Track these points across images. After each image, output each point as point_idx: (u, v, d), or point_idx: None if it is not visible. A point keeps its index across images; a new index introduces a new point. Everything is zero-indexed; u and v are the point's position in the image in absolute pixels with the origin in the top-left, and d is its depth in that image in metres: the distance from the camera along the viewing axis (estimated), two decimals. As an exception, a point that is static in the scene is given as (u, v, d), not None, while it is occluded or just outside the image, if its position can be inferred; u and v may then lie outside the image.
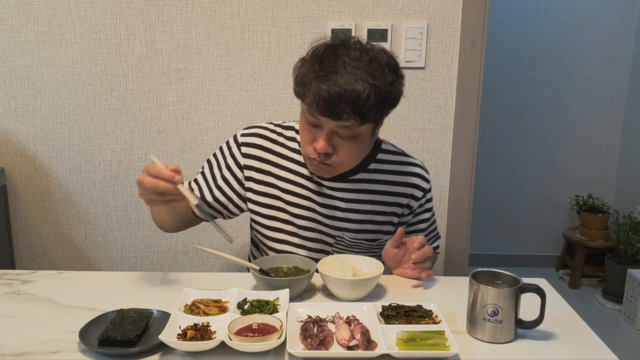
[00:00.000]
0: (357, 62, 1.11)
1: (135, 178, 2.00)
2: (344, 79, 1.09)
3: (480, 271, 1.05)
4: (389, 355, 0.93)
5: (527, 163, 3.47)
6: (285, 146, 1.34)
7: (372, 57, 1.13)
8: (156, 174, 1.12)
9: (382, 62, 1.13)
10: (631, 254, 2.96)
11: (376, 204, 1.34)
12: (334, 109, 1.10)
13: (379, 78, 1.11)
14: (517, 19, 3.30)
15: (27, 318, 1.08)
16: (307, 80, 1.13)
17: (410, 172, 1.36)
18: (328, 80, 1.09)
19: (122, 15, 1.88)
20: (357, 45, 1.15)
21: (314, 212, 1.33)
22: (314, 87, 1.11)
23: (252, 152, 1.33)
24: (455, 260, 2.06)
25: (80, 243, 2.07)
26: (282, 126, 1.36)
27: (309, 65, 1.15)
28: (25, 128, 1.97)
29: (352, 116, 1.11)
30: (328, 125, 1.14)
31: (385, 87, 1.12)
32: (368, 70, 1.11)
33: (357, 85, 1.09)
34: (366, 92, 1.09)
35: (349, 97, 1.09)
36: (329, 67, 1.11)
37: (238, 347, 0.93)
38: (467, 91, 1.93)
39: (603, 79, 3.33)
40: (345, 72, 1.09)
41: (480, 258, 3.35)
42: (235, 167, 1.35)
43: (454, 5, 1.87)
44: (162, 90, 1.94)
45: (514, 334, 1.02)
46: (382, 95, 1.12)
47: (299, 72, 1.17)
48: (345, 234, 1.34)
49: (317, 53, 1.15)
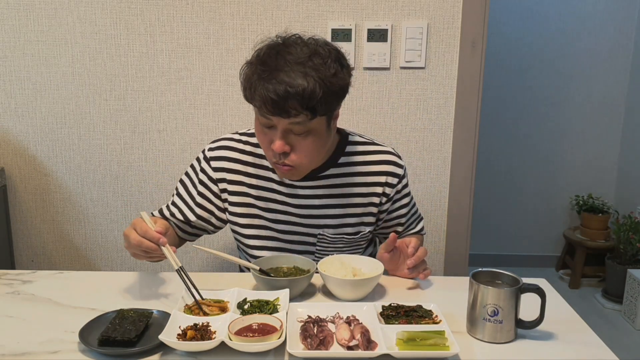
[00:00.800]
0: (299, 57, 1.12)
1: (135, 178, 2.01)
2: (288, 76, 1.09)
3: (480, 271, 1.05)
4: (389, 355, 0.93)
5: (527, 163, 3.47)
6: (253, 154, 1.34)
7: (312, 51, 1.13)
8: (143, 234, 1.14)
9: (324, 54, 1.14)
10: (631, 254, 2.96)
11: (352, 196, 1.33)
12: (283, 107, 1.10)
13: (321, 70, 1.12)
14: (517, 19, 3.30)
15: (27, 318, 1.08)
16: (253, 83, 1.13)
17: (382, 160, 1.35)
18: (272, 79, 1.10)
19: (122, 15, 1.88)
20: (297, 41, 1.16)
21: (290, 215, 1.33)
22: (260, 88, 1.11)
23: (221, 165, 1.35)
24: (455, 260, 2.06)
25: (80, 243, 2.07)
26: (247, 134, 1.37)
27: (253, 67, 1.15)
28: (25, 128, 1.97)
29: (302, 111, 1.11)
30: (281, 124, 1.14)
31: (329, 78, 1.12)
32: (310, 64, 1.11)
33: (301, 80, 1.09)
34: (310, 86, 1.09)
35: (295, 93, 1.09)
36: (271, 66, 1.11)
37: (238, 347, 0.93)
38: (467, 91, 1.93)
39: (603, 79, 3.33)
40: (289, 69, 1.10)
41: (480, 258, 3.35)
42: (209, 182, 1.36)
43: (454, 5, 1.87)
44: (162, 90, 1.94)
45: (514, 334, 1.02)
46: (327, 87, 1.12)
47: (244, 76, 1.16)
48: (326, 230, 1.34)
49: (260, 54, 1.16)
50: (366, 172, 1.34)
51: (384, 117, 1.96)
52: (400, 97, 1.95)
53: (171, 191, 2.01)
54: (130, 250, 1.20)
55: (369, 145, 1.36)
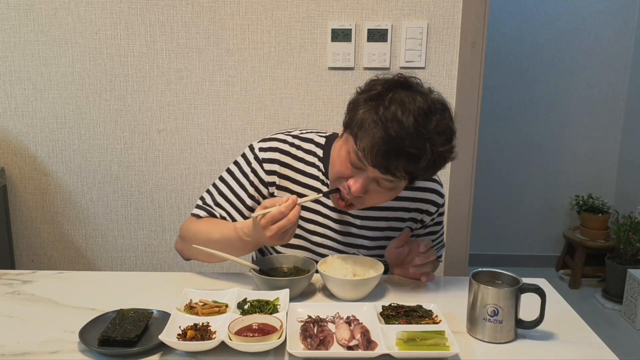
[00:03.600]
0: (425, 119, 1.04)
1: (135, 178, 2.01)
2: (409, 138, 1.02)
3: (480, 271, 1.05)
4: (389, 355, 0.93)
5: (528, 163, 3.47)
6: (304, 161, 1.28)
7: (439, 119, 1.06)
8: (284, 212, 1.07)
9: (446, 128, 1.07)
10: (631, 254, 2.96)
11: (391, 220, 1.31)
12: (388, 165, 1.04)
13: (442, 145, 1.06)
14: (517, 19, 3.30)
15: (27, 318, 1.08)
16: (367, 127, 1.04)
17: (427, 188, 1.32)
18: (389, 135, 1.01)
19: (122, 15, 1.88)
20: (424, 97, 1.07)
21: (328, 229, 1.29)
22: (370, 136, 1.03)
23: (273, 168, 1.27)
24: (455, 260, 2.06)
25: (80, 243, 2.07)
26: (300, 138, 1.30)
27: (372, 108, 1.06)
28: (25, 128, 1.97)
29: (404, 175, 1.06)
30: (373, 172, 1.08)
31: (444, 154, 1.07)
32: (434, 131, 1.04)
33: (421, 148, 1.03)
34: (427, 157, 1.03)
35: (409, 158, 1.03)
36: (394, 118, 1.02)
37: (238, 347, 0.93)
38: (467, 91, 1.93)
39: (603, 79, 3.33)
40: (411, 130, 1.02)
41: (480, 258, 3.34)
42: (261, 185, 1.28)
43: (454, 5, 1.87)
44: (162, 90, 1.94)
45: (514, 334, 1.02)
46: (437, 161, 1.07)
47: (358, 111, 1.08)
48: (360, 251, 1.31)
49: (386, 96, 1.06)
50: (409, 197, 1.30)
51: (384, 117, 1.96)
52: (400, 97, 1.95)
53: (171, 191, 2.02)
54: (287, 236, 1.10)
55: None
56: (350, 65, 1.91)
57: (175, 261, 2.08)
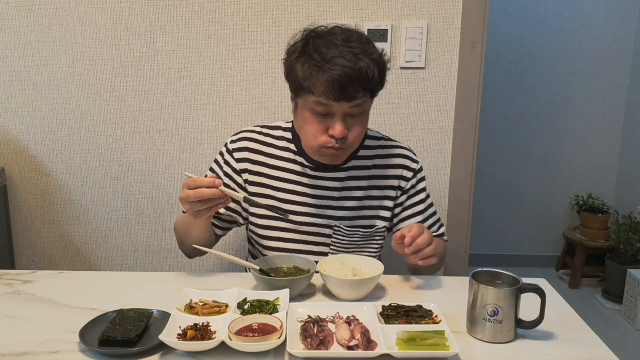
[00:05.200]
0: (349, 42, 1.18)
1: (135, 178, 2.01)
2: (347, 61, 1.15)
3: (480, 271, 1.05)
4: (389, 355, 0.93)
5: (528, 163, 3.47)
6: (274, 145, 1.39)
7: (356, 36, 1.20)
8: (198, 185, 1.16)
9: (366, 38, 1.22)
10: (631, 254, 2.96)
11: (368, 189, 1.37)
12: (347, 91, 1.16)
13: (372, 52, 1.19)
14: (517, 19, 3.30)
15: (27, 318, 1.08)
16: (311, 75, 1.17)
17: (397, 154, 1.40)
18: (334, 65, 1.15)
19: (122, 15, 1.88)
20: (336, 29, 1.22)
21: (308, 207, 1.35)
22: (322, 76, 1.16)
23: (244, 155, 1.38)
24: (455, 260, 2.06)
25: (80, 243, 2.07)
26: (268, 126, 1.42)
27: (305, 59, 1.19)
28: (25, 128, 1.97)
29: (364, 93, 1.18)
30: (341, 108, 1.19)
31: (379, 58, 1.21)
32: (360, 47, 1.18)
33: (361, 62, 1.16)
34: (370, 67, 1.17)
35: (358, 76, 1.15)
36: (327, 54, 1.16)
37: (238, 347, 0.93)
38: (467, 91, 1.93)
39: (603, 79, 3.33)
40: (344, 55, 1.15)
41: (480, 258, 3.34)
42: (234, 174, 1.38)
43: (454, 5, 1.87)
44: (162, 90, 1.94)
45: (514, 334, 1.02)
46: (380, 67, 1.20)
47: (295, 69, 1.21)
48: (342, 222, 1.35)
49: (308, 47, 1.20)
50: (382, 165, 1.38)
51: (384, 117, 1.96)
52: (400, 97, 1.95)
53: (171, 191, 2.02)
54: (192, 209, 1.18)
55: (386, 141, 1.42)
56: None
57: (175, 261, 2.08)
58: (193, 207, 1.17)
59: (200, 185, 1.15)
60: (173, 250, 2.07)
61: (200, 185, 1.15)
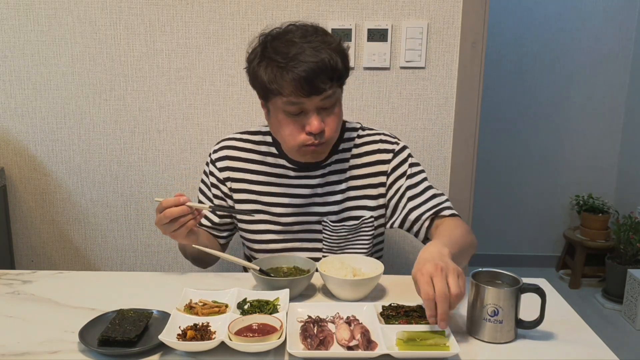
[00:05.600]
0: (306, 37, 1.19)
1: (135, 178, 2.01)
2: (309, 56, 1.16)
3: (480, 271, 1.05)
4: (389, 355, 0.93)
5: (528, 163, 3.47)
6: (255, 151, 1.39)
7: (312, 30, 1.22)
8: (165, 206, 1.19)
9: (322, 30, 1.23)
10: (631, 254, 2.96)
11: (349, 180, 1.36)
12: (316, 85, 1.16)
13: (330, 42, 1.21)
14: (518, 19, 3.30)
15: (27, 318, 1.08)
16: (277, 76, 1.17)
17: (373, 141, 1.39)
18: (297, 63, 1.15)
19: (122, 15, 1.88)
20: (291, 27, 1.23)
21: (294, 207, 1.36)
22: (287, 75, 1.16)
23: (225, 164, 1.39)
24: (455, 260, 2.06)
25: (80, 243, 2.07)
26: (249, 132, 1.42)
27: (267, 63, 1.19)
28: (25, 128, 1.97)
29: (332, 84, 1.19)
30: (313, 104, 1.20)
31: (339, 47, 1.22)
32: (319, 40, 1.19)
33: (322, 54, 1.17)
34: (332, 57, 1.18)
35: (322, 68, 1.16)
36: (288, 53, 1.17)
37: (238, 347, 0.93)
38: (467, 91, 1.93)
39: (603, 79, 3.33)
40: (305, 50, 1.17)
41: (480, 258, 3.34)
42: (219, 183, 1.40)
43: (454, 5, 1.87)
44: (162, 90, 1.94)
45: (514, 334, 1.02)
46: (341, 54, 1.22)
47: (260, 75, 1.21)
48: (329, 218, 1.36)
49: (268, 50, 1.20)
50: (361, 153, 1.37)
51: (384, 117, 1.96)
52: (400, 97, 1.95)
53: (171, 191, 2.02)
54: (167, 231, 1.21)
55: (363, 131, 1.41)
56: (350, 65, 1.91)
57: (175, 261, 2.08)
58: (168, 228, 1.20)
59: (167, 206, 1.18)
60: (173, 250, 2.07)
61: (167, 206, 1.18)
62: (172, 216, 1.18)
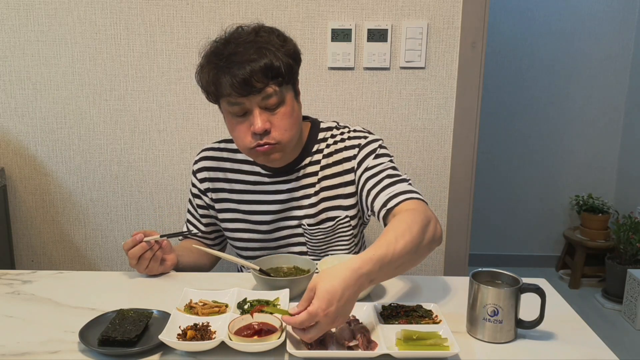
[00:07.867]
0: (246, 38, 1.19)
1: (135, 178, 2.01)
2: (243, 54, 1.16)
3: (480, 271, 1.05)
4: (389, 355, 0.93)
5: (527, 163, 3.47)
6: (232, 159, 1.39)
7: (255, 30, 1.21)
8: (126, 250, 1.25)
9: (266, 29, 1.22)
10: (631, 254, 2.96)
11: (323, 179, 1.34)
12: (252, 83, 1.15)
13: (271, 41, 1.19)
14: (517, 19, 3.30)
15: (27, 318, 1.08)
16: (213, 77, 1.18)
17: (342, 139, 1.35)
18: (231, 63, 1.15)
19: (122, 15, 1.88)
20: (231, 30, 1.23)
21: (272, 214, 1.35)
22: (224, 77, 1.16)
23: (204, 175, 1.40)
24: (455, 260, 2.06)
25: (80, 243, 2.07)
26: (226, 140, 1.42)
27: (206, 66, 1.20)
28: (25, 128, 1.97)
29: (269, 82, 1.17)
30: (253, 103, 1.18)
31: (280, 45, 1.20)
32: (258, 39, 1.19)
33: (258, 53, 1.17)
34: (267, 55, 1.16)
35: (256, 66, 1.15)
36: (224, 54, 1.17)
37: (238, 347, 0.93)
38: (467, 91, 1.93)
39: (603, 79, 3.33)
40: (242, 50, 1.16)
41: (480, 258, 3.34)
42: (201, 194, 1.42)
43: (454, 5, 1.87)
44: (162, 90, 1.94)
45: (514, 334, 1.02)
46: (283, 53, 1.19)
47: (202, 79, 1.22)
48: (306, 221, 1.34)
49: (208, 54, 1.22)
50: (331, 152, 1.34)
51: (384, 117, 1.96)
52: (400, 97, 1.95)
53: (171, 191, 2.02)
54: (141, 269, 1.27)
55: (336, 130, 1.37)
56: (350, 65, 1.91)
57: (175, 261, 2.08)
58: (139, 267, 1.26)
59: (128, 249, 1.24)
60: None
61: (128, 248, 1.24)
62: (136, 256, 1.23)
